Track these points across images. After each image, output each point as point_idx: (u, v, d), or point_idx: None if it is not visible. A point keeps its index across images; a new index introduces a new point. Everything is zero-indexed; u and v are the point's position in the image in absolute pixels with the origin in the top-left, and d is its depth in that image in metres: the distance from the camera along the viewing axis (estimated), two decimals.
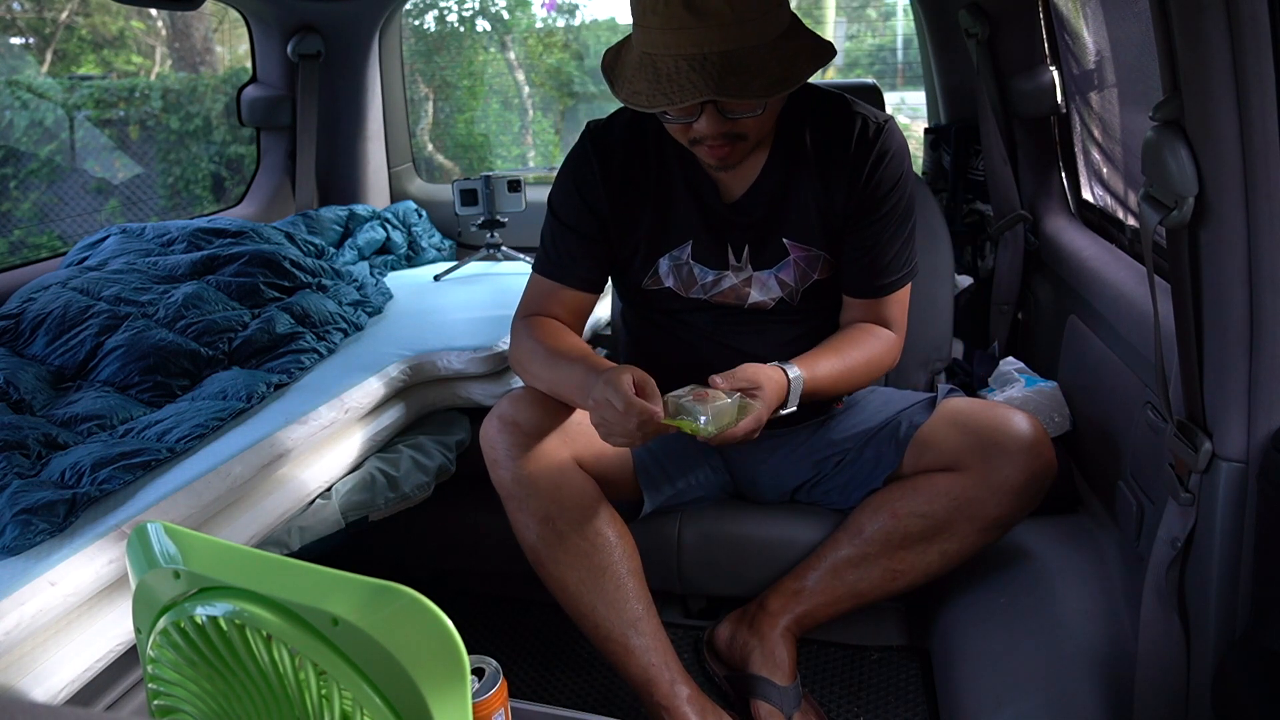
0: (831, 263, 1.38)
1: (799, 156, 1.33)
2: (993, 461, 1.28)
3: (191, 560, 0.64)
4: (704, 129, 1.18)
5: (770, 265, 1.37)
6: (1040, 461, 1.29)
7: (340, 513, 1.41)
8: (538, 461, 1.30)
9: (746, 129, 1.20)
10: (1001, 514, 1.30)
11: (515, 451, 1.30)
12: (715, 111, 1.16)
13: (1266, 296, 0.83)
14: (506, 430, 1.31)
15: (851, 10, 5.08)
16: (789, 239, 1.35)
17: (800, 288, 1.38)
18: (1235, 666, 0.89)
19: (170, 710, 0.69)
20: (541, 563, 1.34)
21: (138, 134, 4.53)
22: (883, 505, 1.36)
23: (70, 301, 1.61)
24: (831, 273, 1.38)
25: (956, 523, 1.31)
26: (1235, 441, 0.87)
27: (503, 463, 1.31)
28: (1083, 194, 1.93)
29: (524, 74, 5.09)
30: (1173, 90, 0.82)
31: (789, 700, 1.38)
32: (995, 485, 1.28)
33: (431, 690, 0.60)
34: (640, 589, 1.34)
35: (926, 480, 1.34)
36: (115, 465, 1.18)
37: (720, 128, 1.18)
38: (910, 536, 1.33)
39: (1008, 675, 1.23)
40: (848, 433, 1.45)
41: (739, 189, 1.35)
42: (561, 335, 1.36)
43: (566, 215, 1.38)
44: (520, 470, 1.30)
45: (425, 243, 2.49)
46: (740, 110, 1.17)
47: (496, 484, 1.33)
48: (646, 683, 1.31)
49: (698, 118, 1.17)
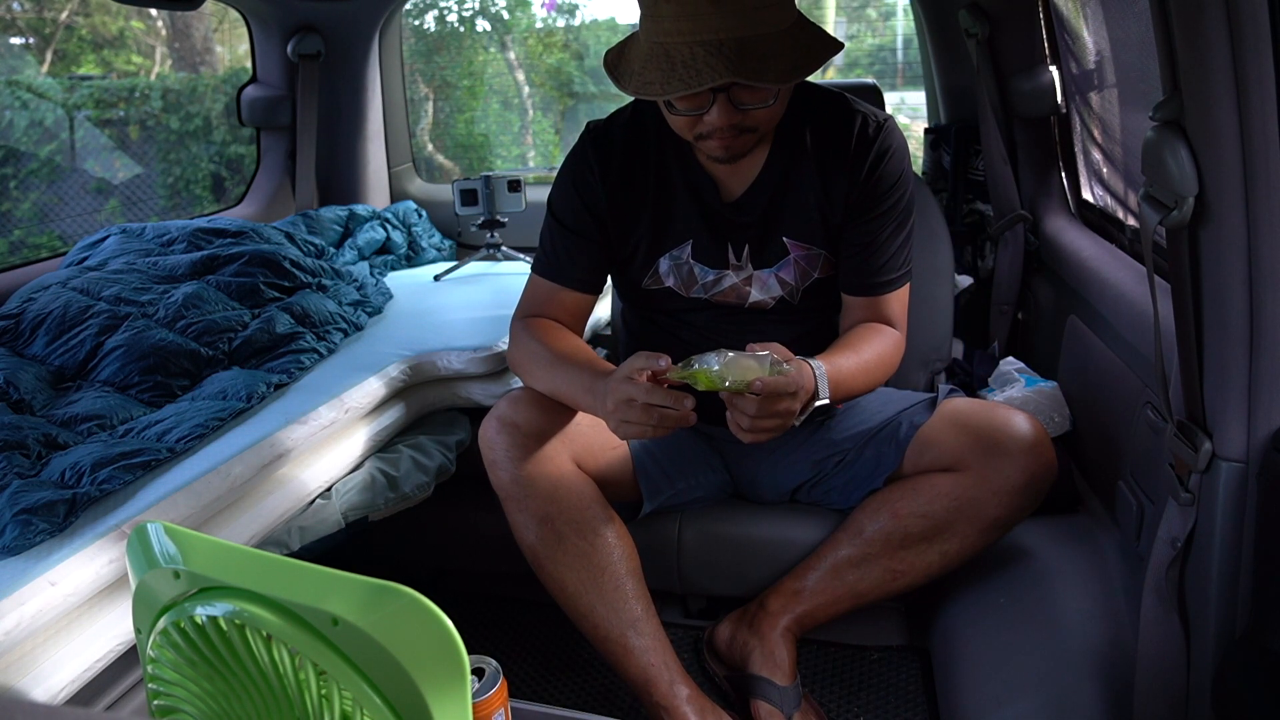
0: (832, 261, 1.37)
1: (799, 154, 1.33)
2: (993, 462, 1.28)
3: (191, 560, 0.64)
4: (715, 120, 1.17)
5: (771, 264, 1.37)
6: (1041, 462, 1.29)
7: (340, 513, 1.41)
8: (536, 463, 1.30)
9: (757, 121, 1.20)
10: (1002, 514, 1.30)
11: (514, 453, 1.30)
12: (727, 102, 1.15)
13: (1266, 296, 0.83)
14: (505, 431, 1.31)
15: (851, 10, 5.08)
16: (789, 238, 1.35)
17: (801, 286, 1.38)
18: (1235, 666, 0.89)
19: (170, 710, 0.69)
20: (540, 563, 1.34)
21: (138, 134, 4.53)
22: (883, 505, 1.36)
23: (70, 301, 1.61)
24: (832, 271, 1.38)
25: (957, 523, 1.31)
26: (1235, 441, 0.87)
27: (501, 464, 1.31)
28: (1083, 194, 1.93)
29: (524, 74, 5.09)
30: (1173, 90, 0.83)
31: (789, 700, 1.38)
32: (996, 486, 1.28)
33: (431, 690, 0.60)
34: (639, 589, 1.34)
35: (927, 481, 1.34)
36: (115, 465, 1.18)
37: (732, 118, 1.17)
38: (910, 537, 1.33)
39: (1008, 675, 1.23)
40: (847, 433, 1.45)
41: (739, 188, 1.35)
42: (562, 337, 1.36)
43: (565, 216, 1.38)
44: (519, 471, 1.30)
45: (425, 243, 2.49)
46: (752, 101, 1.17)
47: (495, 485, 1.33)
48: (646, 683, 1.31)
49: (709, 109, 1.17)
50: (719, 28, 1.09)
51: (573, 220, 1.37)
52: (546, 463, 1.31)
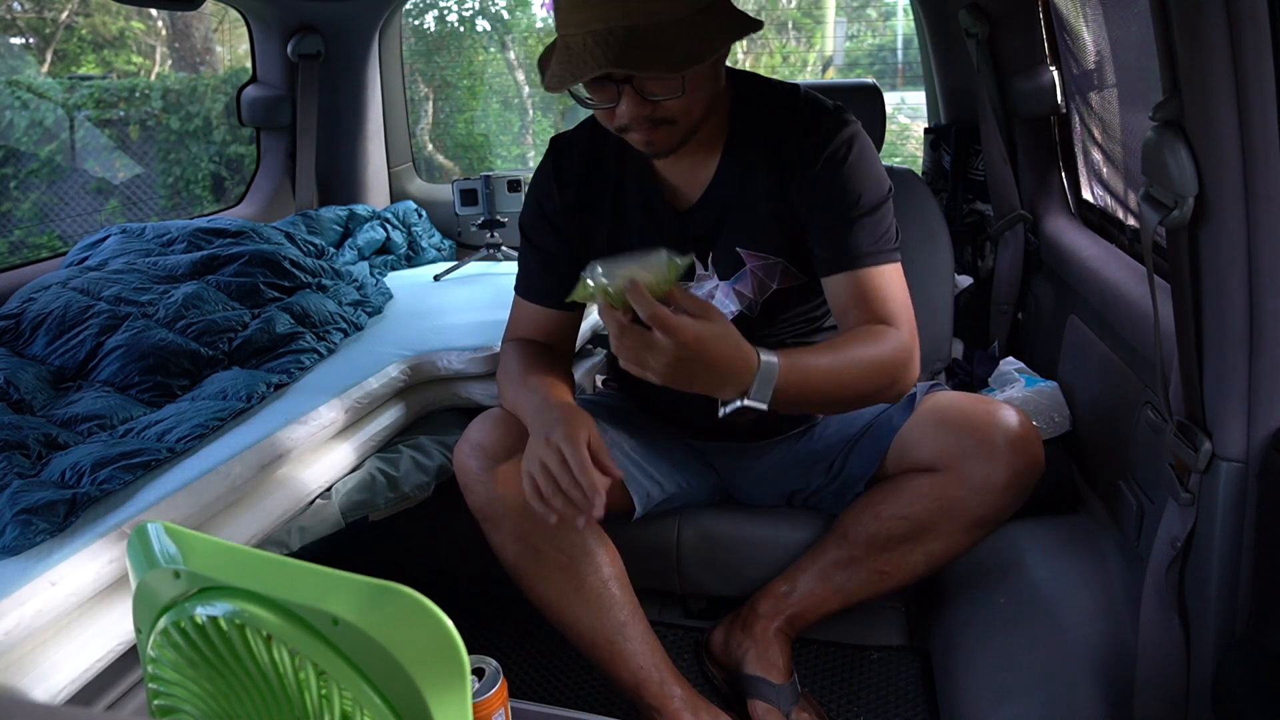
0: (792, 271, 1.31)
1: (750, 157, 1.27)
2: (974, 460, 1.25)
3: (191, 560, 0.64)
4: (624, 112, 1.13)
5: (728, 276, 1.32)
6: (1025, 458, 1.25)
7: (340, 513, 1.41)
8: (508, 483, 1.27)
9: (670, 112, 1.15)
10: (986, 512, 1.27)
11: (485, 475, 1.29)
12: (633, 93, 1.12)
13: (1266, 296, 0.83)
14: (475, 454, 1.30)
15: (851, 10, 5.08)
16: (742, 247, 1.30)
17: (759, 299, 1.33)
18: (1235, 666, 0.89)
19: (170, 710, 0.69)
20: (522, 580, 1.32)
21: (138, 134, 4.53)
22: (866, 508, 1.35)
23: (70, 301, 1.61)
24: (794, 282, 1.32)
25: (940, 523, 1.29)
26: (1235, 441, 0.87)
27: (474, 487, 1.30)
28: (1083, 194, 1.92)
29: (524, 74, 5.08)
30: (1173, 90, 0.83)
31: (785, 697, 1.38)
32: (976, 484, 1.26)
33: (431, 690, 0.59)
34: (625, 595, 1.32)
35: (908, 481, 1.32)
36: (115, 465, 1.18)
37: (640, 110, 1.13)
38: (894, 538, 1.32)
39: (1008, 675, 1.22)
40: (830, 440, 1.43)
41: (693, 195, 1.30)
42: (536, 361, 1.33)
43: (533, 233, 1.37)
44: (492, 492, 1.28)
45: (425, 243, 2.49)
46: (660, 91, 1.12)
47: (472, 507, 1.32)
48: (636, 686, 1.30)
49: (618, 102, 1.13)
50: (607, 15, 1.06)
51: (539, 238, 1.36)
52: (518, 482, 1.25)
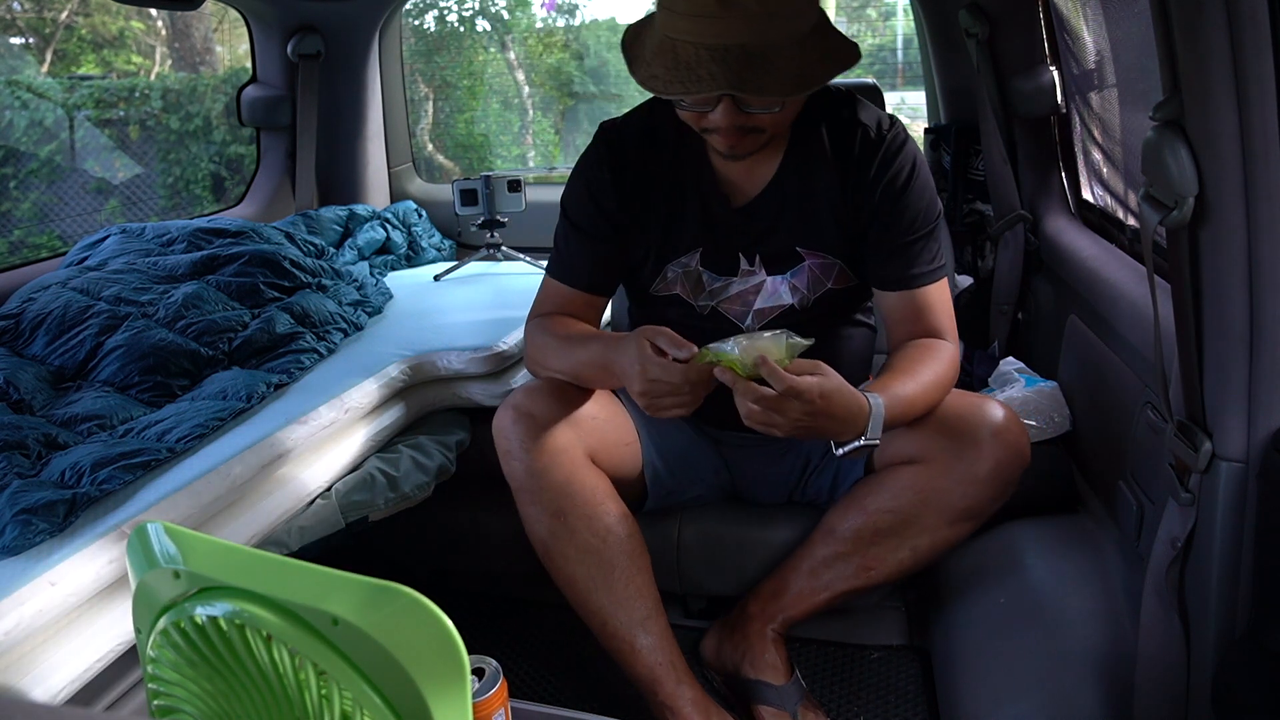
0: (847, 273, 1.34)
1: (815, 159, 1.30)
2: (956, 451, 1.26)
3: (191, 560, 0.64)
4: (719, 120, 1.16)
5: (783, 270, 1.34)
6: (1009, 450, 1.25)
7: (340, 513, 1.41)
8: (550, 454, 1.28)
9: (762, 123, 1.18)
10: (970, 505, 1.28)
11: (528, 443, 1.28)
12: (732, 104, 1.14)
13: (1266, 296, 0.83)
14: (521, 421, 1.29)
15: (851, 10, 5.09)
16: (802, 246, 1.33)
17: (812, 295, 1.35)
18: (1235, 666, 0.89)
19: (170, 710, 0.69)
20: (551, 557, 1.32)
21: (138, 134, 4.53)
22: (852, 502, 1.35)
23: (70, 301, 1.61)
24: (846, 284, 1.35)
25: (924, 516, 1.29)
26: (1235, 441, 0.87)
27: (515, 454, 1.29)
28: (1083, 194, 1.92)
29: (524, 74, 5.09)
30: (1173, 90, 0.82)
31: (789, 698, 1.38)
32: (959, 475, 1.26)
33: (431, 690, 0.59)
34: (649, 587, 1.32)
35: (892, 474, 1.32)
36: (115, 465, 1.18)
37: (735, 120, 1.16)
38: (880, 532, 1.32)
39: (1008, 675, 1.22)
40: None
41: (751, 192, 1.32)
42: (574, 325, 1.36)
43: (578, 218, 1.36)
44: (533, 463, 1.28)
45: (425, 243, 2.49)
46: (757, 105, 1.15)
47: (508, 475, 1.31)
48: (652, 682, 1.31)
49: (714, 108, 1.15)
50: (726, 32, 1.07)
51: (585, 222, 1.35)
52: (560, 455, 1.28)
